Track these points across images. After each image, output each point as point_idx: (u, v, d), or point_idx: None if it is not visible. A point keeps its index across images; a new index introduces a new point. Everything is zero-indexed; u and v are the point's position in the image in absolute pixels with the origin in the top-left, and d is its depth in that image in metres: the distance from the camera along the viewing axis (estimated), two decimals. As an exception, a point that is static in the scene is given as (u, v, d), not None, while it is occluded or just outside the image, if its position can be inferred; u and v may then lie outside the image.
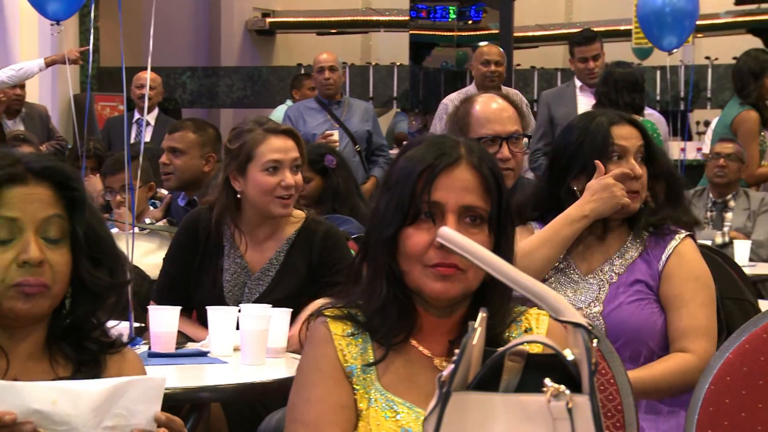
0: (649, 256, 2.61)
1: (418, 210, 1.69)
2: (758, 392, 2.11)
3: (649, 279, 2.58)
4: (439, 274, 1.67)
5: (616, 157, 2.60)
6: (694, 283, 2.57)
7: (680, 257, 2.59)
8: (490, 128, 3.09)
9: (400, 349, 1.74)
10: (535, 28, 12.98)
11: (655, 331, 2.56)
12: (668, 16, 6.48)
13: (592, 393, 1.13)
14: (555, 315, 1.24)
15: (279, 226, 3.12)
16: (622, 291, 2.58)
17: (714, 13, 11.52)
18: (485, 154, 1.76)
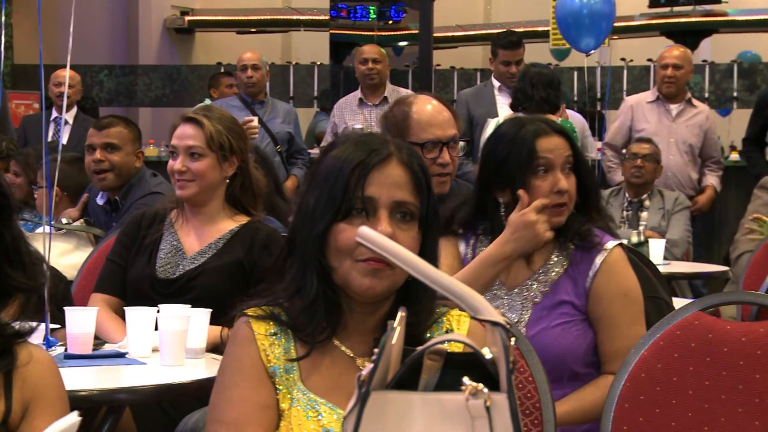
0: (574, 272, 2.53)
1: (351, 205, 1.70)
2: (672, 388, 2.15)
3: (575, 298, 2.52)
4: (369, 268, 1.68)
5: (542, 171, 2.50)
6: (623, 300, 2.52)
7: (607, 274, 2.51)
8: (431, 133, 3.10)
9: (323, 349, 1.74)
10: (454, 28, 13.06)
11: (580, 355, 2.51)
12: (586, 18, 6.56)
13: (510, 391, 1.14)
14: (474, 314, 1.25)
15: (215, 215, 3.18)
16: (545, 314, 2.51)
17: (629, 15, 11.70)
18: (413, 151, 1.77)
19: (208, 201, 3.17)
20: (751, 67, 10.76)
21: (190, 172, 3.13)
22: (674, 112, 6.43)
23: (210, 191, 3.16)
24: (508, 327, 1.21)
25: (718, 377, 2.13)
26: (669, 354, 2.17)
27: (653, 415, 2.15)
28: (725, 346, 2.14)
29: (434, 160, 3.09)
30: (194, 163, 3.13)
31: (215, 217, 3.19)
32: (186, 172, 3.13)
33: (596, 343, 2.52)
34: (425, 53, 10.43)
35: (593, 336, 2.52)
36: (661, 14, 11.58)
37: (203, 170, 3.13)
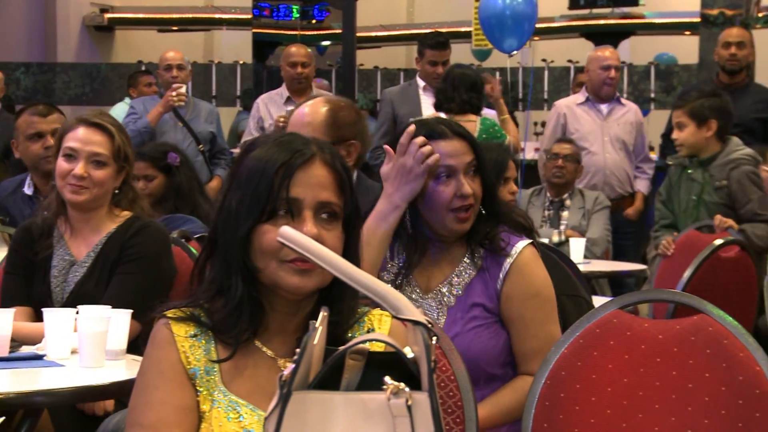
0: (486, 275, 2.53)
1: (275, 207, 1.69)
2: (592, 386, 2.18)
3: (487, 301, 2.53)
4: (297, 268, 1.67)
5: (445, 176, 2.49)
6: (534, 300, 2.53)
7: (517, 276, 2.52)
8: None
9: (244, 350, 1.73)
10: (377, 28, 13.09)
11: (494, 357, 2.52)
12: (509, 19, 6.61)
13: (431, 390, 1.15)
14: (395, 313, 1.25)
15: (101, 220, 3.14)
16: (459, 317, 2.52)
17: (549, 17, 11.82)
18: (335, 151, 1.77)
19: (97, 207, 3.13)
20: (668, 68, 10.95)
21: (89, 179, 3.06)
22: (605, 112, 6.51)
23: (102, 199, 3.13)
24: (430, 326, 1.22)
25: (636, 374, 2.16)
26: (588, 352, 2.20)
27: (573, 413, 2.17)
28: (643, 343, 2.17)
29: None
30: (97, 171, 3.08)
31: (101, 221, 3.15)
32: (86, 178, 3.06)
33: (511, 344, 2.54)
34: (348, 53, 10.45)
35: (507, 337, 2.54)
36: (581, 16, 11.73)
37: (104, 179, 3.10)
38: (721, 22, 8.64)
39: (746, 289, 3.98)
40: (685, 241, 4.57)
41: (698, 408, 2.09)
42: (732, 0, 8.73)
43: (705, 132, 4.99)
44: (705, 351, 2.12)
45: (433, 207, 2.50)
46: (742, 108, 6.26)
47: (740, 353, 2.08)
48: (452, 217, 2.49)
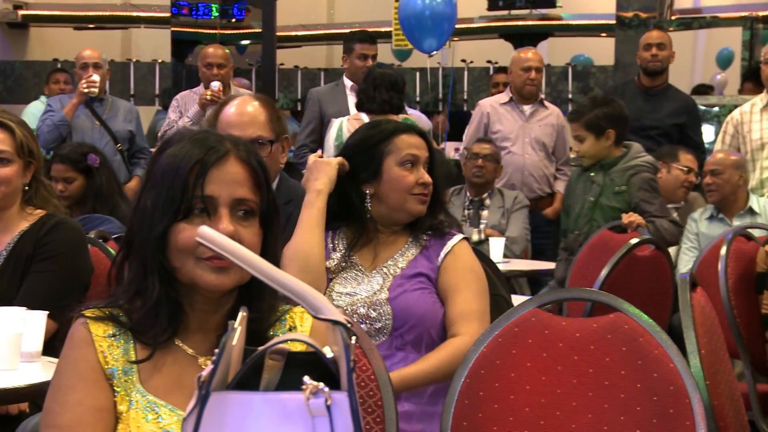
0: (429, 252, 2.79)
1: (191, 205, 1.67)
2: (510, 384, 2.20)
3: (430, 272, 2.76)
4: (213, 266, 1.66)
5: (410, 165, 2.81)
6: (469, 274, 2.77)
7: (456, 254, 2.79)
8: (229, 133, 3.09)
9: (164, 349, 1.72)
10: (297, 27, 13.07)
11: (437, 321, 2.73)
12: (428, 20, 6.64)
13: (350, 389, 1.15)
14: (315, 313, 1.25)
15: (12, 219, 3.08)
16: (406, 281, 2.75)
17: (469, 18, 11.91)
18: (250, 147, 1.76)
19: (7, 206, 3.08)
20: (585, 70, 11.10)
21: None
22: (528, 113, 6.57)
23: (12, 197, 3.08)
24: (349, 326, 1.22)
25: (554, 372, 2.18)
26: (507, 350, 2.22)
27: (492, 411, 2.19)
28: (561, 341, 2.20)
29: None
30: (2, 169, 3.04)
31: (13, 220, 3.09)
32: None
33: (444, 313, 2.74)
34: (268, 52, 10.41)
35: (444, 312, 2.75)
36: (500, 17, 11.83)
37: (11, 176, 3.05)
38: (636, 24, 8.79)
39: (661, 288, 4.05)
40: (599, 241, 4.64)
41: (614, 405, 2.12)
42: (646, 3, 8.87)
43: (604, 142, 5.08)
44: (621, 349, 2.15)
45: (396, 190, 2.79)
46: (660, 111, 6.36)
47: (655, 350, 2.12)
48: (414, 199, 2.80)
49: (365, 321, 2.72)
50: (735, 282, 3.60)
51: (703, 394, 2.09)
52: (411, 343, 2.69)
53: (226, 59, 6.70)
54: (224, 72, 6.64)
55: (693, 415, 2.05)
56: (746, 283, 3.63)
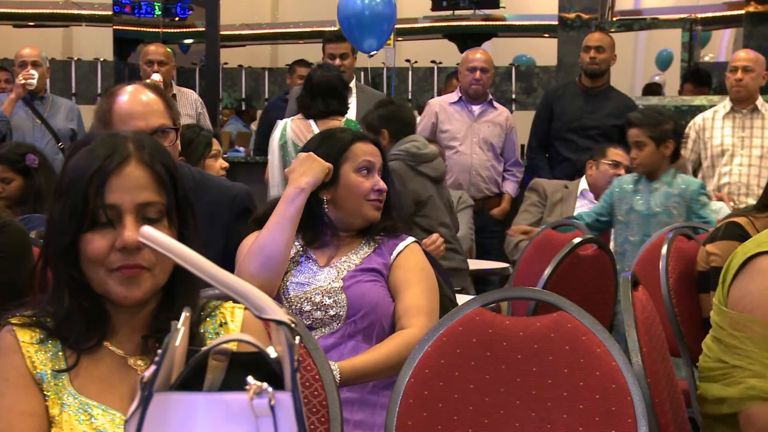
0: (381, 250, 2.85)
1: (95, 215, 1.65)
2: (455, 383, 2.20)
3: (382, 268, 2.81)
4: (123, 276, 1.65)
5: (365, 171, 2.87)
6: (420, 272, 2.82)
7: (408, 253, 2.85)
8: (132, 125, 2.90)
9: (94, 351, 1.70)
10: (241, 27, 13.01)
11: (388, 312, 2.76)
12: (367, 19, 6.63)
13: (294, 389, 1.15)
14: (258, 313, 1.24)
15: None
16: (359, 273, 2.80)
17: (413, 18, 11.94)
18: (157, 147, 1.72)
19: None
20: (528, 70, 11.17)
21: None
22: (476, 113, 6.59)
23: None
24: (293, 326, 1.21)
25: (497, 371, 2.19)
26: (451, 349, 2.22)
27: (436, 410, 2.19)
28: (504, 340, 2.21)
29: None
30: None
31: None
32: None
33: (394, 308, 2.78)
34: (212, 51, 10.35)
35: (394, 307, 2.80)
36: (444, 17, 11.87)
37: None
38: (578, 25, 8.86)
39: (604, 286, 4.08)
40: (543, 240, 4.67)
41: (557, 403, 2.14)
42: (588, 4, 8.95)
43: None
44: (564, 347, 2.16)
45: (353, 196, 2.85)
46: (601, 112, 6.42)
47: (597, 349, 2.14)
48: (370, 205, 2.86)
49: (320, 308, 2.74)
50: (676, 280, 3.64)
51: (644, 391, 2.11)
52: (363, 331, 2.72)
53: (167, 56, 6.66)
54: (165, 69, 6.59)
55: (635, 412, 2.07)
56: (687, 282, 3.67)
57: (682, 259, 3.69)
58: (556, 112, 6.53)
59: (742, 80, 5.87)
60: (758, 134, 5.86)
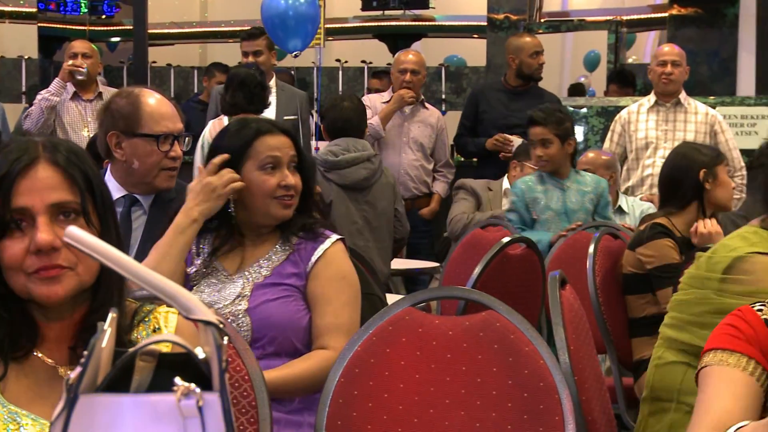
0: (297, 257, 2.65)
1: (5, 221, 1.62)
2: (384, 382, 2.21)
3: (296, 280, 2.63)
4: (42, 278, 1.62)
5: (270, 167, 2.66)
6: (340, 282, 2.64)
7: (328, 259, 2.65)
8: (164, 125, 3.04)
9: (22, 360, 1.67)
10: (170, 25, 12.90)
11: (300, 329, 2.60)
12: (291, 20, 6.61)
13: (222, 390, 1.14)
14: (186, 314, 1.23)
15: None
16: (268, 289, 2.61)
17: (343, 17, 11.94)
18: (71, 147, 1.70)
19: None
20: (458, 70, 11.24)
21: None
22: (407, 113, 6.61)
23: None
24: (221, 326, 1.21)
25: (427, 370, 2.20)
26: (382, 349, 2.23)
27: (366, 410, 2.19)
28: (434, 340, 2.22)
29: (167, 153, 3.05)
30: None
31: None
32: None
33: (311, 321, 2.61)
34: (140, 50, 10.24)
35: (310, 318, 2.62)
36: (374, 17, 11.88)
37: None
38: (507, 26, 8.93)
39: (532, 286, 4.12)
40: (471, 240, 4.70)
41: (486, 401, 2.15)
42: (516, 5, 9.02)
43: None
44: (493, 346, 2.18)
45: (257, 195, 2.66)
46: (526, 110, 6.49)
47: (526, 347, 2.15)
48: (277, 203, 2.66)
49: None
50: (602, 279, 3.68)
51: (572, 389, 2.14)
52: (273, 354, 2.58)
53: (90, 50, 6.59)
54: (90, 62, 6.52)
55: (562, 410, 2.09)
56: (613, 281, 3.72)
57: (609, 258, 3.74)
58: (482, 111, 6.58)
59: (672, 74, 6.00)
60: (681, 127, 5.97)
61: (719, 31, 8.37)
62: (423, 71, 6.71)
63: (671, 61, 6.05)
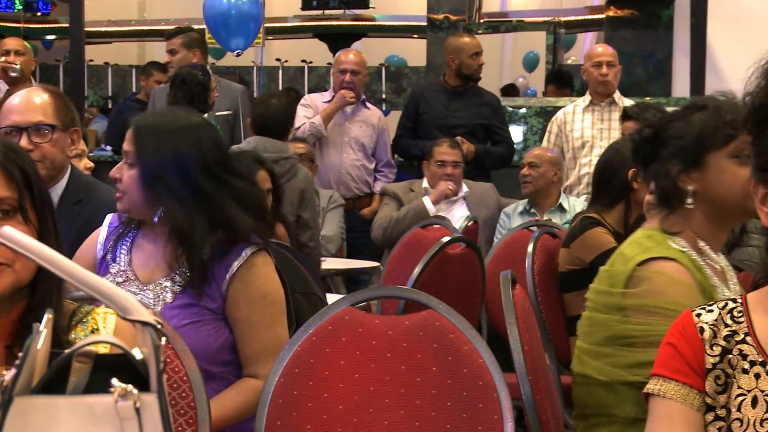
0: (211, 275, 2.46)
1: None
2: (324, 382, 2.21)
3: (209, 302, 2.46)
4: None
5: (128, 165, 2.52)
6: (261, 302, 2.47)
7: (245, 278, 2.46)
8: (9, 119, 3.09)
9: None
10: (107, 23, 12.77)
11: (211, 352, 2.45)
12: (233, 19, 6.59)
13: (160, 391, 1.13)
14: (123, 314, 1.22)
15: None
16: (176, 313, 2.45)
17: (283, 17, 11.91)
18: (8, 146, 1.70)
19: None
20: (398, 70, 11.25)
21: None
22: (348, 112, 6.60)
23: None
24: (159, 327, 1.20)
25: (367, 370, 2.20)
26: (321, 349, 2.23)
27: (306, 409, 2.19)
28: (374, 339, 2.22)
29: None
30: None
31: None
32: None
33: (237, 345, 2.48)
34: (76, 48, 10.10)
35: (229, 335, 2.48)
36: (314, 17, 11.86)
37: None
38: (447, 26, 8.96)
39: (472, 285, 4.13)
40: (411, 239, 4.71)
41: (426, 401, 2.16)
42: (456, 6, 9.05)
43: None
44: (432, 345, 2.18)
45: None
46: (466, 110, 6.50)
47: (465, 347, 2.16)
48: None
49: None
50: (540, 278, 3.71)
51: (526, 390, 2.14)
52: None
53: (24, 48, 6.51)
54: (23, 60, 6.45)
55: (501, 409, 2.11)
56: (551, 279, 3.75)
57: (547, 257, 3.76)
58: (423, 112, 6.59)
59: (608, 75, 6.08)
60: (616, 126, 6.05)
61: (655, 33, 8.47)
62: (363, 71, 6.70)
63: (606, 62, 6.13)
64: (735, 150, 2.29)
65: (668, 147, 2.35)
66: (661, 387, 1.59)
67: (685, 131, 2.33)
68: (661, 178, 2.36)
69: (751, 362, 1.55)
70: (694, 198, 2.31)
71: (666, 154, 2.35)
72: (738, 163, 2.28)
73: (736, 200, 2.29)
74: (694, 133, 2.32)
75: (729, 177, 2.29)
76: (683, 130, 2.34)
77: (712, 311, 1.60)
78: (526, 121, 7.49)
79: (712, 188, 2.31)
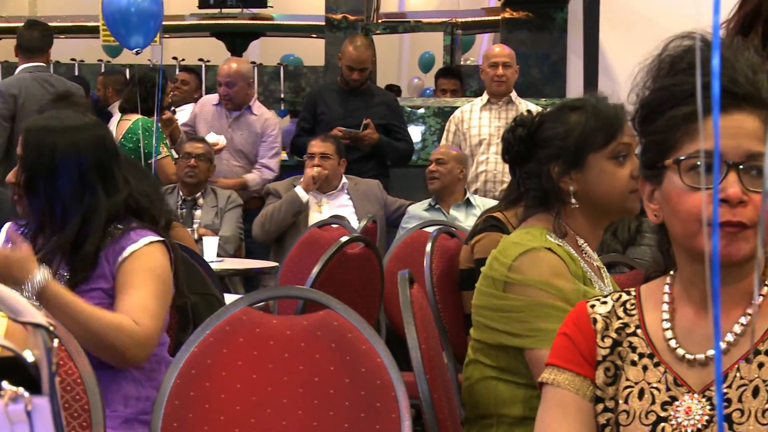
0: (104, 260, 2.48)
1: None
2: (221, 383, 2.19)
3: (104, 283, 2.47)
4: None
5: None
6: (149, 273, 2.46)
7: (136, 256, 2.47)
8: None
9: None
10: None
11: None
12: (134, 16, 6.52)
13: (52, 394, 1.11)
14: (14, 316, 1.20)
15: None
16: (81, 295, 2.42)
17: (180, 15, 11.78)
18: None
19: None
20: (297, 70, 11.22)
21: None
22: (232, 119, 6.59)
23: None
24: (52, 329, 1.18)
25: (264, 370, 2.20)
26: (218, 349, 2.21)
27: (203, 411, 2.18)
28: (272, 339, 2.22)
29: None
30: None
31: None
32: None
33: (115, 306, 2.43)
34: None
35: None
36: (211, 15, 11.76)
37: None
38: (345, 26, 8.97)
39: (370, 284, 4.15)
40: (309, 239, 4.71)
41: (324, 401, 2.16)
42: (354, 6, 9.07)
43: None
44: (330, 345, 2.19)
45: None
46: (364, 110, 6.53)
47: (363, 346, 2.17)
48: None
49: None
50: (438, 277, 3.73)
51: (424, 389, 2.15)
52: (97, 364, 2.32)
53: None
54: None
55: (399, 408, 2.12)
56: (449, 278, 3.78)
57: (445, 256, 3.80)
58: (321, 112, 6.59)
59: (504, 75, 6.17)
60: None
61: (549, 35, 8.60)
62: (240, 81, 6.63)
63: (502, 62, 6.22)
64: (614, 151, 2.36)
65: (548, 148, 2.38)
66: (555, 377, 1.62)
67: (566, 132, 2.37)
68: (543, 178, 2.40)
69: (640, 354, 1.59)
70: (575, 197, 2.37)
71: (546, 155, 2.39)
72: (617, 164, 2.36)
73: (615, 200, 2.37)
74: (575, 134, 2.36)
75: (609, 177, 2.35)
76: (564, 132, 2.38)
77: (606, 303, 1.64)
78: (424, 121, 7.54)
79: (593, 188, 2.37)
